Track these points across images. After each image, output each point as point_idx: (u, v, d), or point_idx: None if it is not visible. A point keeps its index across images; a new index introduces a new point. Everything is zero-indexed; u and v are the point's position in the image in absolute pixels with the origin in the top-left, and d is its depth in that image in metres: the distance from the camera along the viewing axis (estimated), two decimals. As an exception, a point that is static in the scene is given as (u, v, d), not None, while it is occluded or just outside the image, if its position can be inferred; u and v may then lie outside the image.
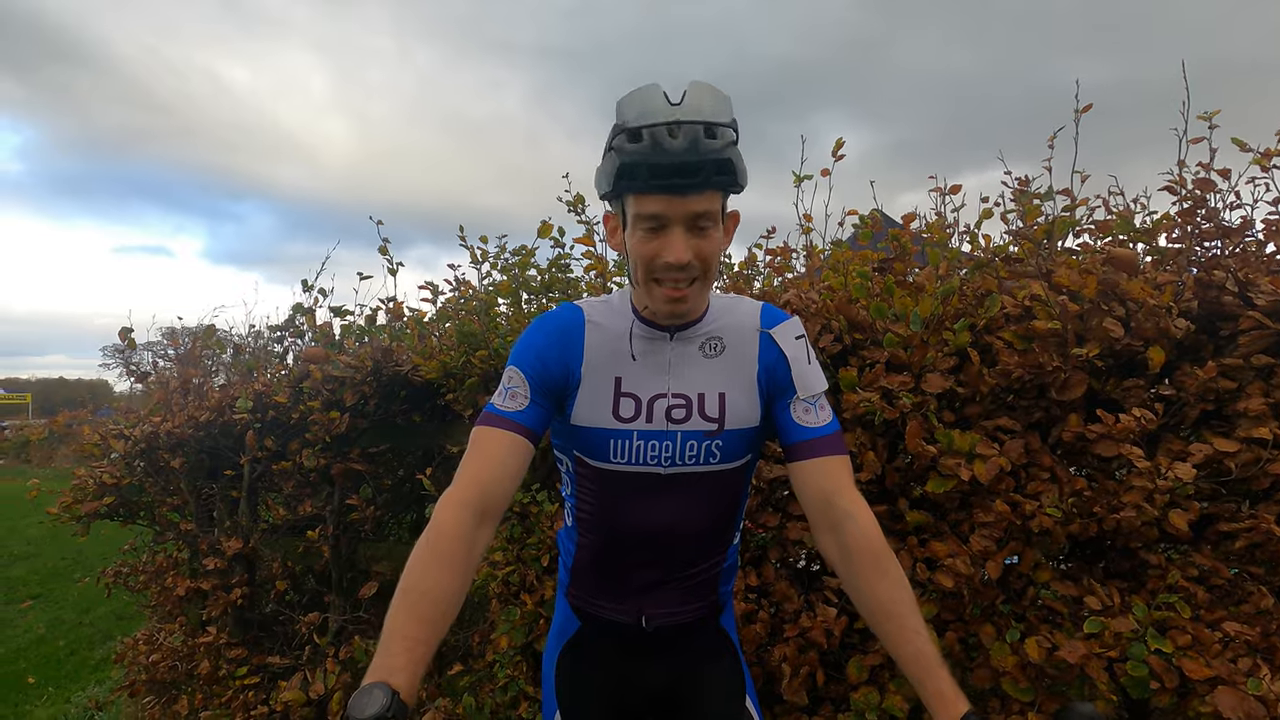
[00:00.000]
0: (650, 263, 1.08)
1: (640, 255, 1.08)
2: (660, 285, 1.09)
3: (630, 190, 1.05)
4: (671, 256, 1.05)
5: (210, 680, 2.75)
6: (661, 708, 1.30)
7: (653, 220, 1.05)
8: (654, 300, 1.12)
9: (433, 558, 1.00)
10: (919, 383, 1.84)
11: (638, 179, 1.02)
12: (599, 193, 1.12)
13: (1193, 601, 1.72)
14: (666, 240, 1.05)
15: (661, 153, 0.99)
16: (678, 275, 1.08)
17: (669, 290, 1.09)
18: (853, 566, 1.08)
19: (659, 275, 1.09)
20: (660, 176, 1.01)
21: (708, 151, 1.00)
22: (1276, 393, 1.71)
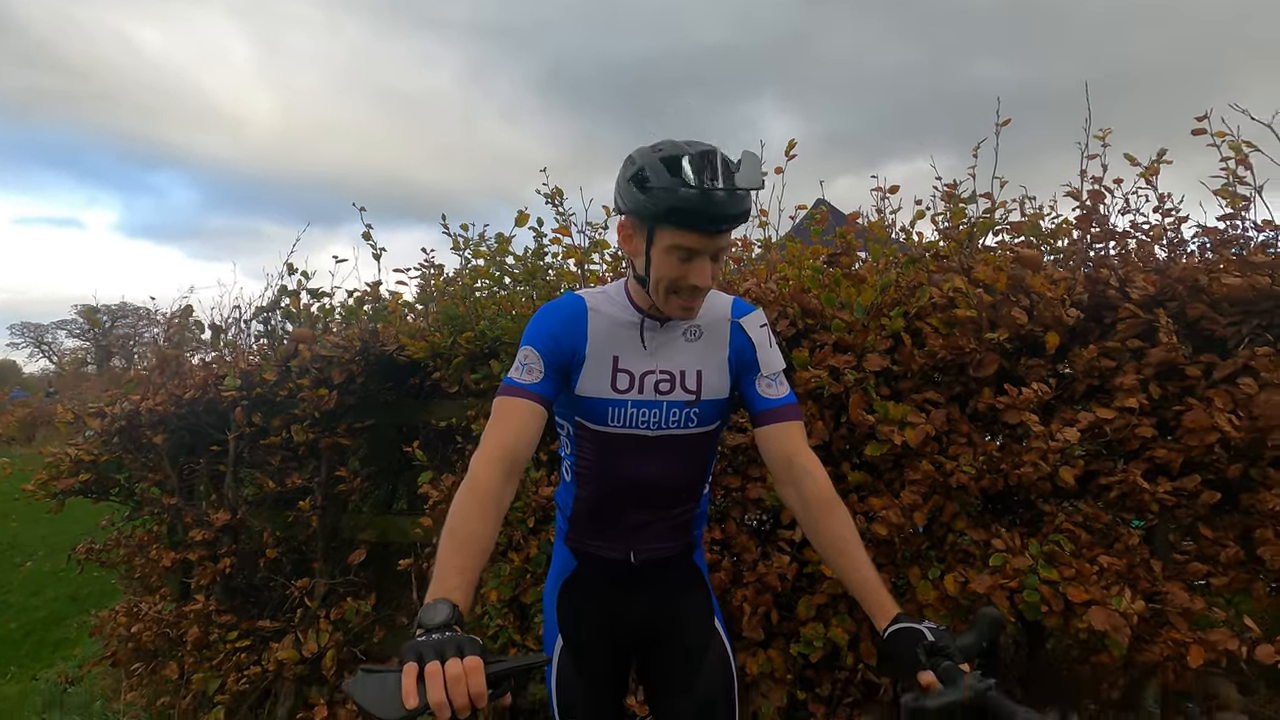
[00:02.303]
0: (676, 282, 1.32)
1: (669, 275, 1.31)
2: (679, 297, 1.34)
3: (674, 225, 1.26)
4: (699, 281, 1.30)
5: (200, 645, 2.87)
6: (645, 639, 1.56)
7: (687, 251, 1.28)
8: (669, 308, 1.36)
9: (474, 505, 1.23)
10: (861, 362, 2.14)
11: (685, 219, 1.25)
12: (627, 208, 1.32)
13: (1077, 541, 2.09)
14: (695, 267, 1.29)
15: (713, 205, 1.23)
16: (697, 293, 1.33)
17: (684, 301, 1.34)
18: (810, 513, 1.37)
19: (680, 291, 1.33)
20: (709, 223, 1.25)
21: (746, 205, 1.27)
22: (1146, 370, 2.09)
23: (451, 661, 0.93)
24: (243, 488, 3.07)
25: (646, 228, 1.31)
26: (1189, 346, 2.10)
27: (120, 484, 3.28)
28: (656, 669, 1.54)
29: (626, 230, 1.37)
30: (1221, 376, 2.04)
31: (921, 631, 1.15)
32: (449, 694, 0.91)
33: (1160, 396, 2.09)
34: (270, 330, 2.99)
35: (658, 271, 1.32)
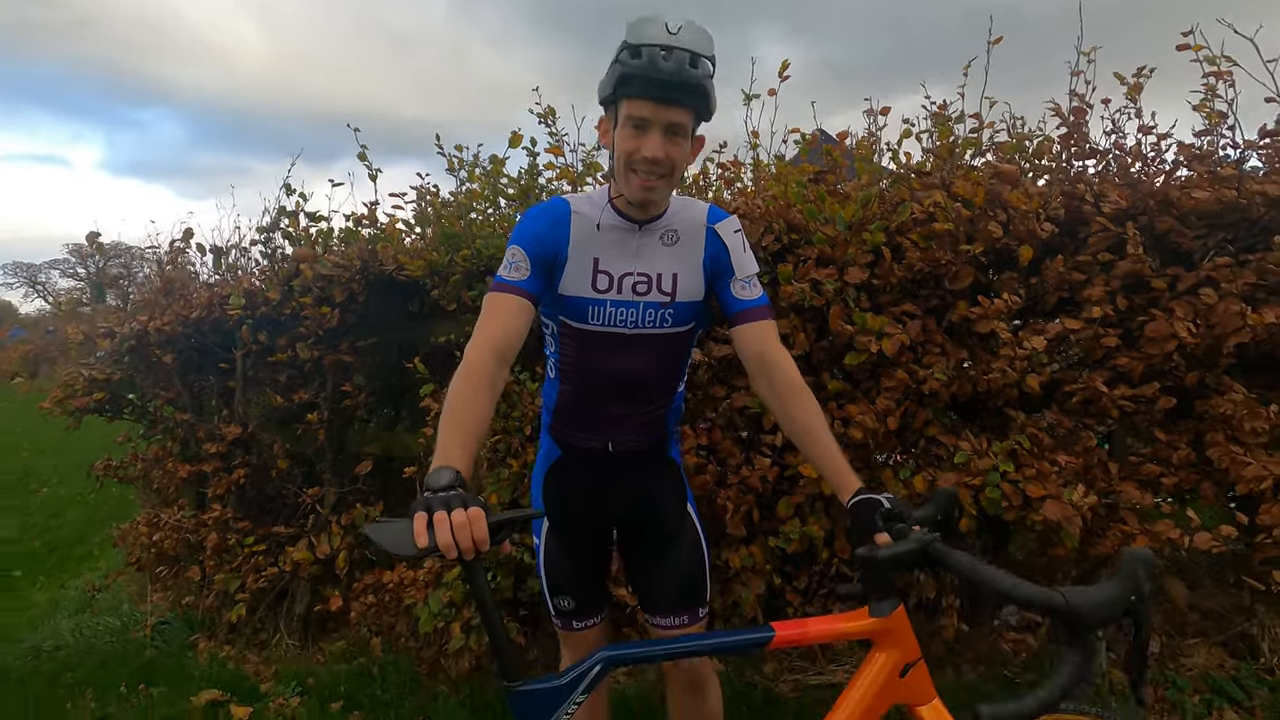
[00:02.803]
0: (631, 156, 1.39)
1: (624, 149, 1.40)
2: (636, 175, 1.41)
3: (625, 95, 1.35)
4: (649, 152, 1.37)
5: (219, 550, 3.06)
6: (624, 521, 1.68)
7: (639, 121, 1.36)
8: (630, 189, 1.44)
9: (469, 388, 1.34)
10: (842, 275, 2.23)
11: (633, 86, 1.33)
12: (600, 97, 1.42)
13: (1039, 445, 2.23)
14: (648, 140, 1.37)
15: (655, 69, 1.30)
16: (651, 169, 1.40)
17: (642, 180, 1.41)
18: (781, 402, 1.48)
19: (636, 167, 1.40)
20: (651, 87, 1.32)
21: (689, 76, 1.32)
22: (1114, 282, 2.18)
23: (456, 511, 1.06)
24: (251, 404, 3.20)
25: (613, 112, 1.40)
26: (1157, 259, 2.19)
27: (133, 403, 3.41)
28: (634, 547, 1.68)
29: (603, 125, 1.46)
30: (1185, 288, 2.14)
31: (880, 500, 1.28)
32: (455, 538, 1.05)
33: (1126, 308, 2.20)
34: (271, 252, 3.05)
35: (618, 150, 1.40)
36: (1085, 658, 0.98)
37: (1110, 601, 0.98)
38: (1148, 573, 0.99)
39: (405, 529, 1.07)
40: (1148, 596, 0.99)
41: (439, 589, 2.60)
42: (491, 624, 1.13)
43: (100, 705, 2.77)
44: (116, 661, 3.08)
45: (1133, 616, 0.99)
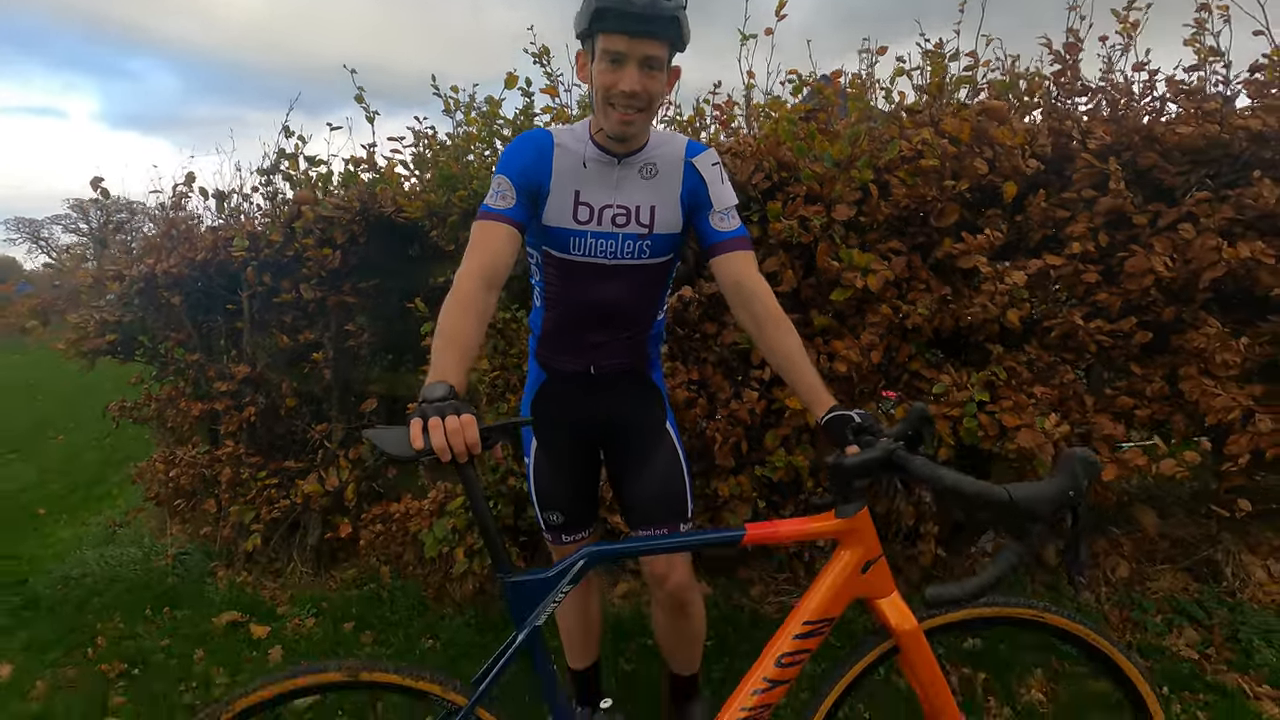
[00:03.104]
0: (608, 90, 1.44)
1: (601, 83, 1.44)
2: (614, 110, 1.46)
3: (600, 29, 1.39)
4: (626, 86, 1.41)
5: (233, 484, 3.20)
6: (607, 439, 1.78)
7: (615, 55, 1.40)
8: (609, 122, 1.49)
9: (459, 311, 1.42)
10: (830, 212, 2.28)
11: (607, 21, 1.37)
12: (576, 31, 1.46)
13: (1018, 378, 2.31)
14: (625, 73, 1.41)
15: (628, 3, 1.34)
16: (629, 103, 1.44)
17: (620, 115, 1.46)
18: (760, 328, 1.56)
19: (614, 101, 1.45)
20: (625, 21, 1.36)
21: (662, 9, 1.36)
22: (1096, 219, 2.22)
23: (450, 418, 1.15)
24: (259, 345, 3.29)
25: (589, 46, 1.44)
26: (1140, 196, 2.23)
27: (144, 345, 3.50)
28: (617, 464, 1.78)
29: (581, 60, 1.50)
30: (1166, 224, 2.18)
31: (851, 416, 1.36)
32: (448, 441, 1.14)
33: (1108, 244, 2.24)
34: (272, 194, 3.10)
35: (595, 84, 1.45)
36: (1025, 545, 1.08)
37: (1049, 496, 1.08)
38: (1085, 470, 1.08)
39: (403, 434, 1.16)
40: (1085, 492, 1.08)
41: (443, 518, 2.74)
42: (485, 523, 1.23)
43: (128, 626, 2.94)
44: (140, 588, 3.26)
45: (1070, 509, 1.08)
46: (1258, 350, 2.23)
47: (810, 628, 1.26)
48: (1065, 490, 1.08)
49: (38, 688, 2.53)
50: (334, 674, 1.22)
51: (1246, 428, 2.22)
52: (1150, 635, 2.39)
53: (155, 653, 2.72)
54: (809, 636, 1.26)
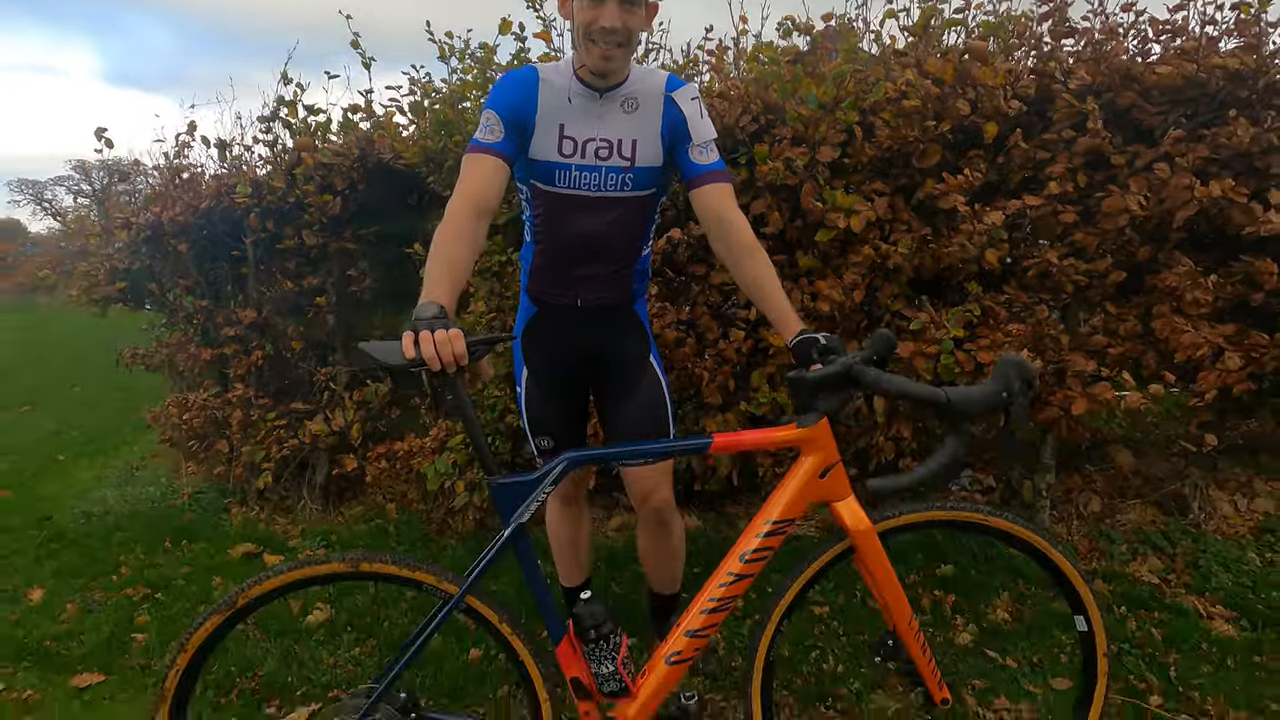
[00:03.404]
0: (589, 27, 1.50)
1: (582, 20, 1.50)
2: (595, 45, 1.52)
3: None
4: (606, 22, 1.47)
5: (244, 425, 3.34)
6: (593, 368, 1.87)
7: None
8: (590, 58, 1.55)
9: (450, 237, 1.50)
10: (814, 154, 2.33)
11: None
12: None
13: (995, 316, 2.39)
14: (604, 9, 1.47)
15: None
16: (609, 38, 1.50)
17: (602, 50, 1.52)
18: (735, 257, 1.64)
19: (595, 37, 1.51)
20: None
21: None
22: (1075, 159, 2.27)
23: (439, 332, 1.25)
24: (264, 292, 3.39)
25: None
26: (1119, 136, 2.27)
27: (153, 293, 3.61)
28: (603, 394, 1.89)
29: None
30: (1143, 164, 2.22)
31: (817, 338, 1.45)
32: (438, 351, 1.24)
33: (1087, 185, 2.29)
34: (273, 141, 3.16)
35: (576, 20, 1.51)
36: (960, 442, 1.18)
37: (984, 398, 1.17)
38: (1019, 374, 1.18)
39: (396, 346, 1.26)
40: (1017, 393, 1.17)
41: (444, 453, 2.87)
42: (473, 431, 1.34)
43: (149, 557, 3.12)
44: (159, 524, 3.42)
45: (1004, 409, 1.18)
46: (1229, 290, 2.29)
47: (773, 527, 1.37)
48: (998, 392, 1.17)
49: (68, 609, 2.71)
50: (337, 565, 1.34)
51: (1216, 365, 2.30)
52: (1115, 563, 2.51)
53: (176, 579, 2.90)
54: (772, 535, 1.38)
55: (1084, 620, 1.46)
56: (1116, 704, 1.87)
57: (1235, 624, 2.19)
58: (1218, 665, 2.01)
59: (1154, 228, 2.27)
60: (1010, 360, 1.18)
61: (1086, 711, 1.50)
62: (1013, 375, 1.17)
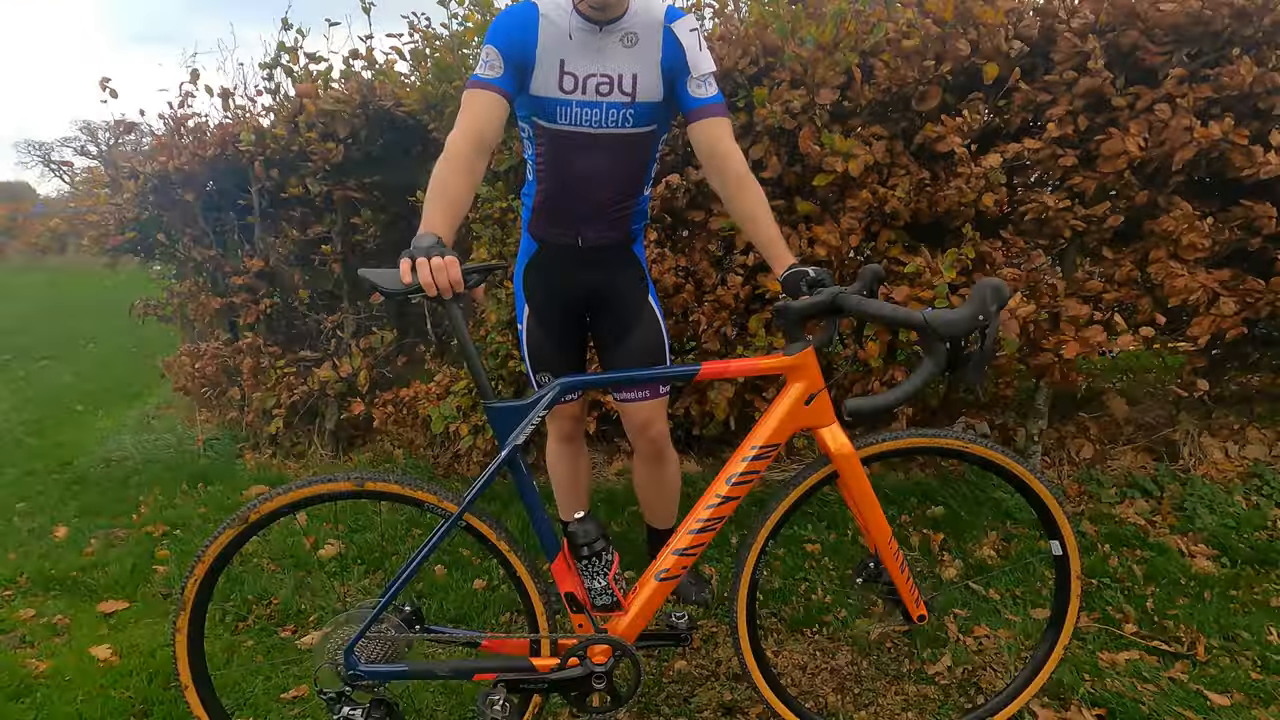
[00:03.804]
0: None
1: None
2: None
3: None
4: None
5: (254, 372, 3.42)
6: (593, 306, 1.92)
7: None
8: (583, 3, 1.55)
9: (450, 170, 1.53)
10: (814, 96, 2.32)
11: None
12: None
13: (990, 260, 2.41)
14: None
15: None
16: None
17: None
18: (729, 190, 1.66)
19: None
20: None
21: None
22: (1076, 101, 2.25)
23: (435, 259, 1.30)
24: (271, 241, 3.44)
25: None
26: (1122, 78, 2.25)
27: (162, 243, 3.66)
28: (602, 330, 1.93)
29: None
30: (1144, 106, 2.21)
31: (806, 271, 1.49)
32: (434, 277, 1.29)
33: (1087, 128, 2.28)
34: (274, 88, 3.16)
35: None
36: (936, 362, 1.23)
37: (961, 319, 1.21)
38: (994, 296, 1.21)
39: (394, 273, 1.31)
40: (993, 315, 1.21)
41: (448, 398, 2.94)
42: (469, 355, 1.39)
43: (167, 498, 3.23)
44: (176, 468, 3.54)
45: (980, 331, 1.22)
46: (1226, 235, 2.30)
47: (759, 452, 1.43)
48: (975, 315, 1.21)
49: (91, 545, 2.83)
50: (344, 484, 1.41)
51: (1210, 311, 2.32)
52: (1103, 505, 2.57)
53: (193, 518, 3.01)
54: (758, 459, 1.43)
55: (1059, 545, 1.52)
56: (1093, 631, 1.95)
57: (1216, 561, 2.25)
58: (1195, 598, 2.08)
59: (1153, 171, 2.27)
60: (986, 283, 1.21)
61: (1058, 632, 1.58)
62: (989, 297, 1.21)
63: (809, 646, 1.96)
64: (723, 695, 1.77)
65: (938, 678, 1.81)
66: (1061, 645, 1.57)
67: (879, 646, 1.94)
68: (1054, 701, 1.69)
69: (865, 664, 1.88)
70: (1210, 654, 1.84)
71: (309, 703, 1.83)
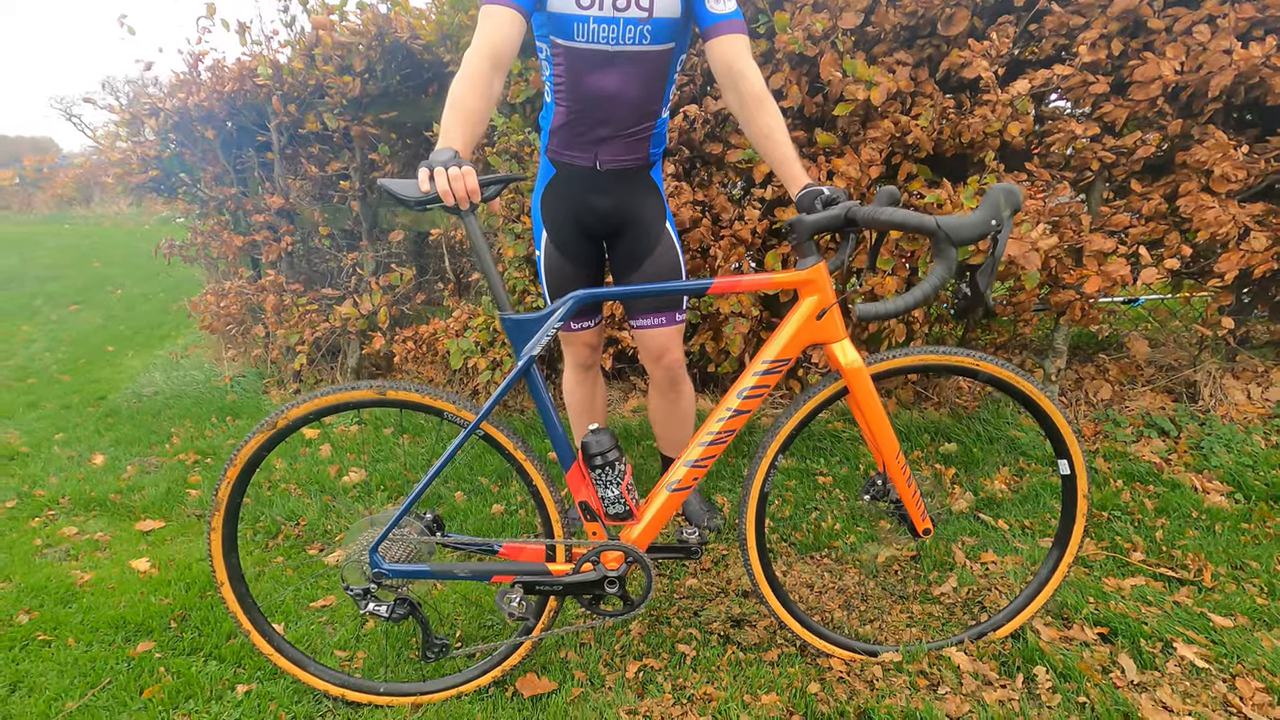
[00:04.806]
0: None
1: None
2: None
3: None
4: None
5: (277, 310, 3.49)
6: (610, 230, 1.92)
7: None
8: None
9: (468, 87, 1.53)
10: (837, 20, 2.26)
11: None
12: None
13: (1014, 194, 2.35)
14: None
15: None
16: None
17: None
18: (746, 107, 1.64)
19: None
20: None
21: None
22: (1111, 25, 2.17)
23: (453, 169, 1.31)
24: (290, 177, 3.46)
25: None
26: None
27: (185, 182, 3.70)
28: (618, 256, 1.94)
29: None
30: (1182, 28, 2.12)
31: (821, 190, 1.48)
32: (451, 186, 1.30)
33: (1120, 53, 2.20)
34: (290, 21, 3.14)
35: None
36: (946, 267, 1.22)
37: (973, 224, 1.20)
38: (1008, 201, 1.20)
39: (413, 182, 1.33)
40: (1005, 220, 1.20)
41: (466, 334, 2.98)
42: (486, 267, 1.41)
43: (197, 430, 3.35)
44: (205, 403, 3.65)
45: (993, 236, 1.21)
46: (1262, 165, 2.22)
47: (769, 366, 1.45)
48: (987, 220, 1.20)
49: (128, 471, 2.95)
50: (366, 392, 1.46)
51: (1240, 246, 2.26)
52: (1118, 444, 2.57)
53: (223, 447, 3.12)
54: (768, 374, 1.45)
55: (1067, 464, 1.53)
56: (1100, 559, 1.97)
57: (1230, 498, 2.25)
58: (1206, 531, 2.09)
59: (1187, 100, 2.19)
60: (1000, 188, 1.20)
61: (1063, 551, 1.60)
62: (1002, 203, 1.19)
63: (817, 568, 2.01)
64: (731, 609, 1.83)
65: (943, 598, 1.85)
66: (1066, 564, 1.59)
67: (886, 569, 1.98)
68: (1057, 620, 1.72)
69: (872, 585, 1.92)
70: (1217, 580, 1.86)
71: (336, 611, 1.93)
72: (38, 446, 3.27)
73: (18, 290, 7.66)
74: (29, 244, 11.68)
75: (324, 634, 1.84)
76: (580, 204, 1.87)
